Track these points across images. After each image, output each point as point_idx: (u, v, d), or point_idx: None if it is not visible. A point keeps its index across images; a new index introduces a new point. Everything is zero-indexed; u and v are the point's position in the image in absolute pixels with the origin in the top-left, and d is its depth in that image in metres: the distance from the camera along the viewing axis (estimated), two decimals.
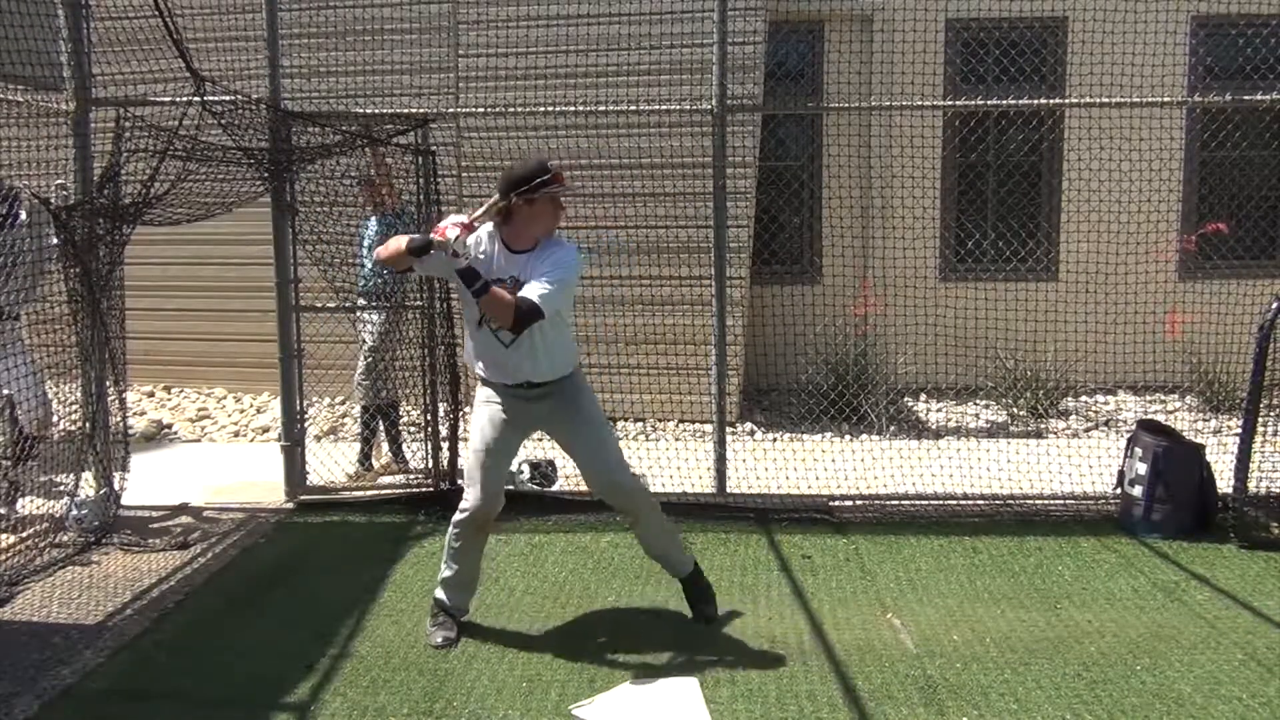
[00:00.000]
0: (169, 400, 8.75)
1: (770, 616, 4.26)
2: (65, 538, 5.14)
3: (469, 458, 4.03)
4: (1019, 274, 7.73)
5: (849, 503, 5.69)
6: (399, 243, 3.78)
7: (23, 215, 5.18)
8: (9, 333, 5.22)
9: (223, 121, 5.22)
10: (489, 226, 3.92)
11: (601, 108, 6.21)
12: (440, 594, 4.13)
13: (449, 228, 3.67)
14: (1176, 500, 5.17)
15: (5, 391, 5.16)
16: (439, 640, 4.02)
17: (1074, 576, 4.69)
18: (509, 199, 3.80)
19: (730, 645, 3.99)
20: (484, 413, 4.02)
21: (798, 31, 8.49)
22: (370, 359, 6.27)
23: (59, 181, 5.42)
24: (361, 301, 6.26)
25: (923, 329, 6.69)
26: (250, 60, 6.29)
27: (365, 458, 6.44)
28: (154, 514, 5.66)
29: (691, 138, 6.99)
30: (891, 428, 7.44)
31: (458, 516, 4.00)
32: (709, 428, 6.17)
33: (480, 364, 4.01)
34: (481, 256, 3.86)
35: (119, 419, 5.54)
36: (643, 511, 4.12)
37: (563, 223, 4.05)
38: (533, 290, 3.71)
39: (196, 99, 5.10)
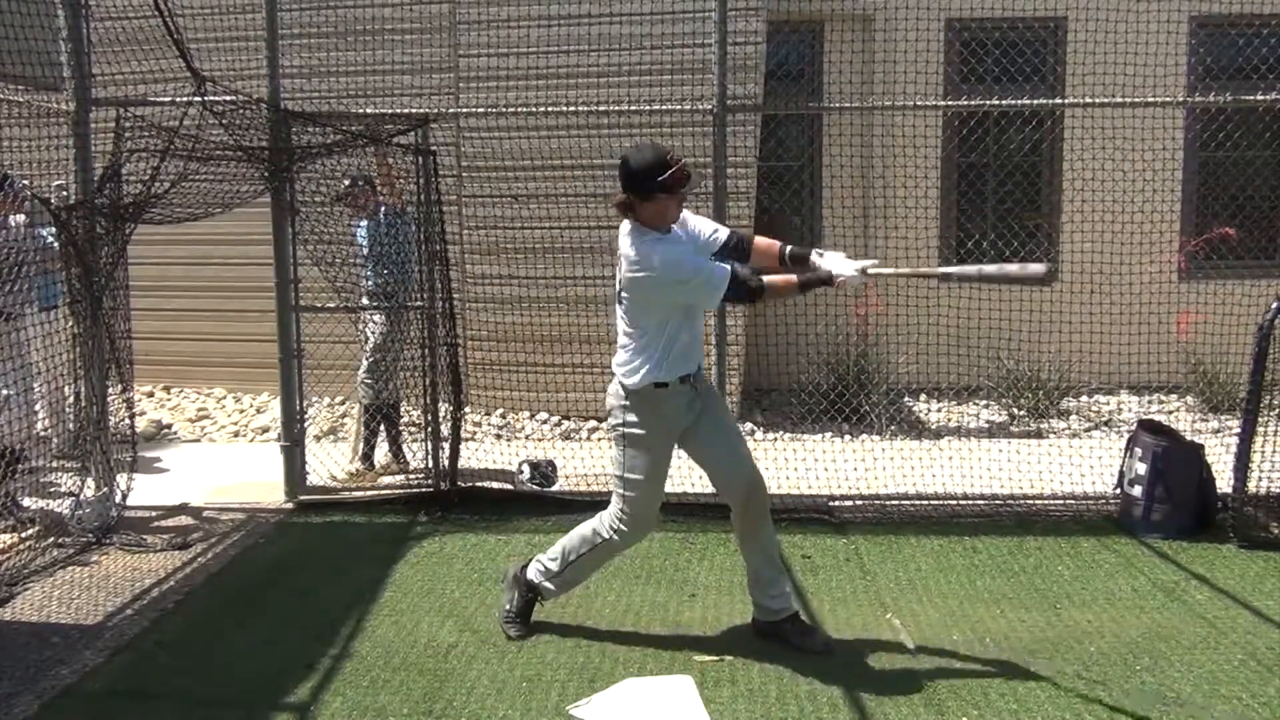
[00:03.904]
0: (169, 400, 8.76)
1: None
2: (66, 538, 5.14)
3: (641, 482, 3.84)
4: None
5: (849, 503, 5.69)
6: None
7: (17, 218, 5.15)
8: (7, 335, 5.21)
9: (223, 121, 5.23)
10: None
11: (602, 108, 6.21)
12: (546, 583, 4.06)
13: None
14: (1176, 500, 5.17)
15: (5, 392, 5.15)
16: (514, 633, 4.05)
17: (1074, 576, 4.69)
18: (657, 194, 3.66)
19: (731, 645, 3.98)
20: (660, 430, 3.83)
21: (798, 31, 8.50)
22: (374, 358, 6.28)
23: (58, 182, 5.42)
24: (365, 301, 6.26)
25: (923, 329, 6.68)
26: (250, 60, 6.29)
27: (367, 456, 6.45)
28: (154, 514, 5.67)
29: (692, 138, 6.96)
30: (891, 428, 7.44)
31: (612, 536, 3.91)
32: None
33: (669, 362, 3.77)
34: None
35: (124, 420, 5.53)
36: (767, 512, 3.97)
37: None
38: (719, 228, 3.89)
39: (197, 99, 5.11)
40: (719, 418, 3.97)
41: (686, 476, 5.84)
